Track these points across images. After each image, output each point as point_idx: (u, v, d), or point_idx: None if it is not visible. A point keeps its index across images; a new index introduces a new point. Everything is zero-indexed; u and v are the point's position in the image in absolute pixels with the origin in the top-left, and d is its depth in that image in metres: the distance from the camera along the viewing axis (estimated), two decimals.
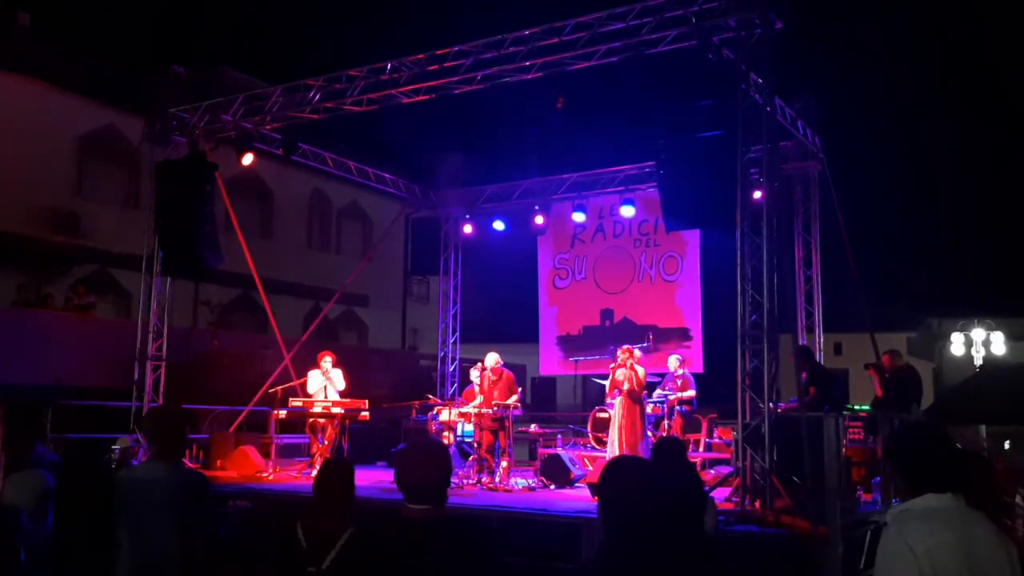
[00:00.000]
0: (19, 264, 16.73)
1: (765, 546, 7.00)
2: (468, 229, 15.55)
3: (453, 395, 14.83)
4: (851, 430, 10.34)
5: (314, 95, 11.28)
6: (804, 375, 10.39)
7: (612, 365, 10.76)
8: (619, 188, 14.10)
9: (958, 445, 3.03)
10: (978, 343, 22.95)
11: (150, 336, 12.34)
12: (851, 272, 12.04)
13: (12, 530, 5.31)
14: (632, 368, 10.40)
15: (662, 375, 11.81)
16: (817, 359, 11.50)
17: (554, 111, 10.16)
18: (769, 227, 8.41)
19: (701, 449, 11.38)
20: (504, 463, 10.51)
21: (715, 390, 12.00)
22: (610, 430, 10.62)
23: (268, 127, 12.27)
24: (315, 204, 24.00)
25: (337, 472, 4.18)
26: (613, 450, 10.32)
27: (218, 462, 11.76)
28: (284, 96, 11.69)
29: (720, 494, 8.37)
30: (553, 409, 21.35)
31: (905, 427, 3.03)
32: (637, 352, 10.71)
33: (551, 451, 11.21)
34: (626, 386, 10.35)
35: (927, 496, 2.70)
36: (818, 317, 12.74)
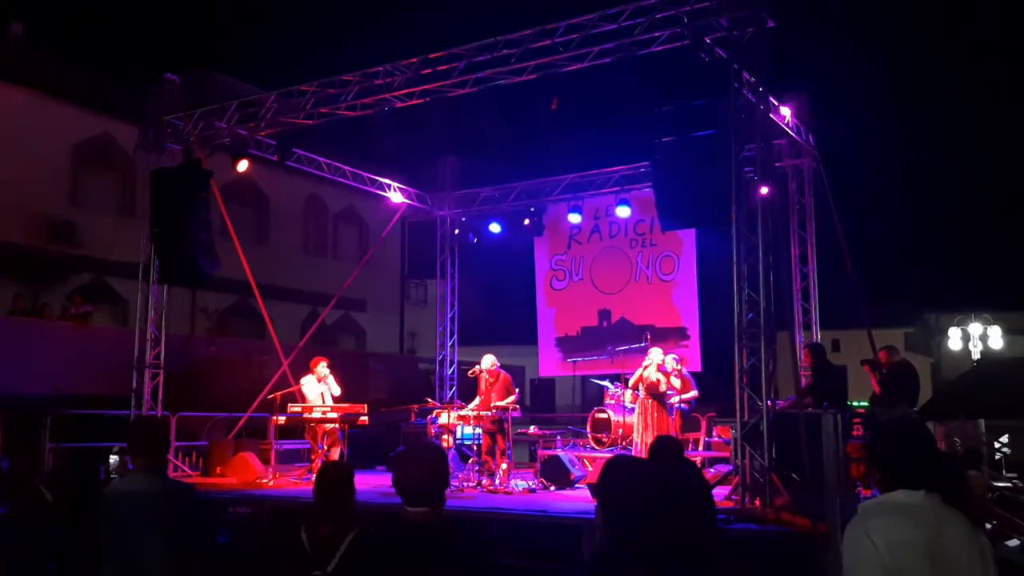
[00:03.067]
0: (15, 274, 16.71)
1: (765, 544, 7.00)
2: (464, 232, 15.59)
3: (452, 398, 14.83)
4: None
5: (308, 100, 11.28)
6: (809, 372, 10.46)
7: (647, 362, 11.06)
8: (614, 188, 14.13)
9: (958, 442, 3.05)
10: (975, 338, 23.02)
11: (148, 344, 12.34)
12: (847, 269, 12.06)
13: None
14: (674, 375, 10.91)
15: None
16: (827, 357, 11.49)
17: (548, 113, 10.17)
18: (764, 225, 8.44)
19: (700, 448, 11.39)
20: (504, 465, 10.52)
21: (713, 389, 12.02)
22: (636, 430, 10.84)
23: (262, 133, 12.27)
24: (311, 209, 23.99)
25: (336, 476, 4.18)
26: (639, 450, 10.46)
27: (217, 469, 11.76)
28: (278, 102, 11.70)
29: (720, 492, 8.38)
30: (552, 410, 21.35)
31: (887, 423, 3.05)
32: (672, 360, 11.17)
33: (551, 452, 11.21)
34: (663, 388, 10.74)
35: (898, 492, 2.72)
36: (815, 314, 12.75)
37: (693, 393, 11.34)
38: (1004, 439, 10.41)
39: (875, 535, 2.61)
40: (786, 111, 11.42)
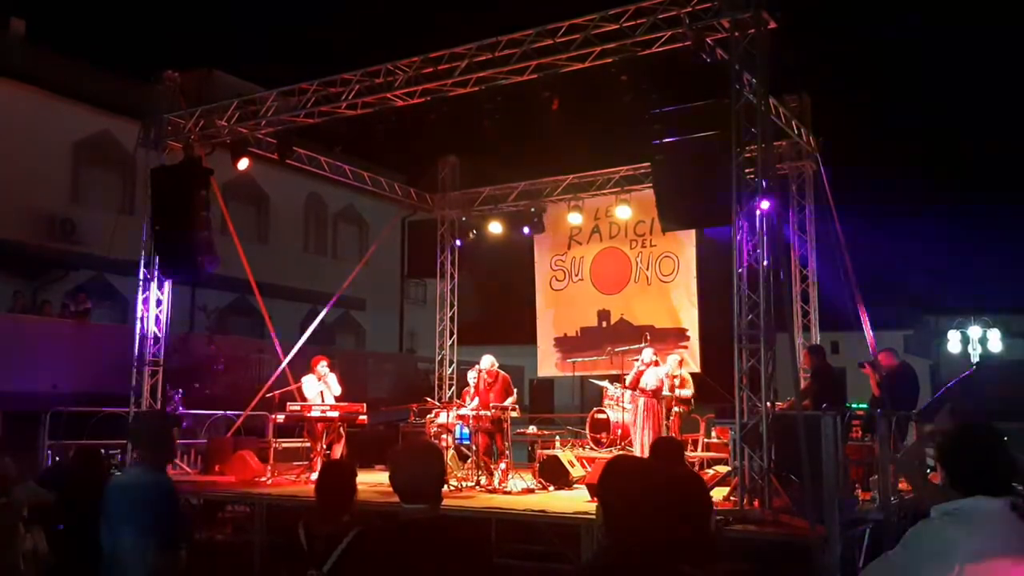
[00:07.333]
0: (15, 271, 16.70)
1: (763, 545, 7.00)
2: (464, 232, 15.60)
3: (451, 398, 14.82)
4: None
5: (309, 99, 11.28)
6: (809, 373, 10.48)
7: (638, 359, 11.21)
8: (615, 189, 14.15)
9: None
10: (975, 340, 23.01)
11: (147, 342, 12.33)
12: (847, 271, 12.05)
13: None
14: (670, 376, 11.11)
15: None
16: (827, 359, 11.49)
17: (549, 113, 10.16)
18: (764, 227, 8.43)
19: (699, 449, 11.39)
20: (503, 465, 10.52)
21: (713, 390, 12.01)
22: (635, 429, 10.90)
23: (263, 131, 12.27)
24: (311, 208, 23.99)
25: (338, 474, 4.19)
26: (640, 450, 10.48)
27: (216, 467, 11.75)
28: (279, 100, 11.70)
29: (719, 493, 8.38)
30: (551, 411, 21.33)
31: (964, 425, 2.84)
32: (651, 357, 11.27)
33: (550, 452, 11.21)
34: (651, 386, 10.82)
35: (979, 499, 2.54)
36: (815, 316, 12.76)
37: (688, 391, 11.36)
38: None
39: (961, 541, 2.44)
40: (787, 113, 11.42)
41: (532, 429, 12.64)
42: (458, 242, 15.82)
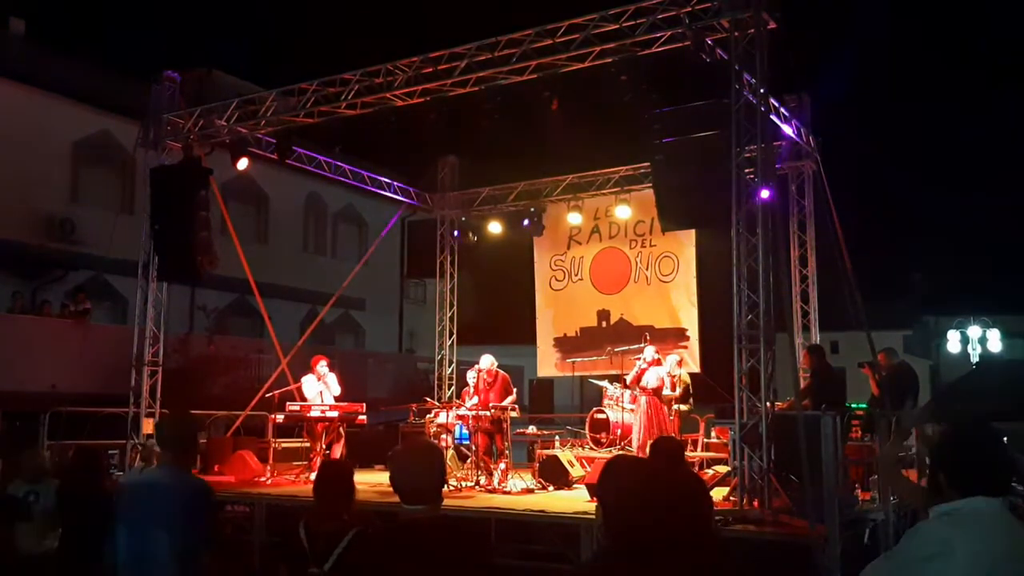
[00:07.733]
0: (15, 271, 16.69)
1: (763, 546, 7.00)
2: (464, 232, 15.60)
3: (451, 397, 14.82)
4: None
5: (308, 99, 11.28)
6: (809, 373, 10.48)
7: (640, 357, 11.26)
8: (614, 189, 14.15)
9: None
10: (974, 340, 23.05)
11: (146, 342, 12.32)
12: (847, 271, 12.04)
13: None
14: (670, 375, 11.15)
15: None
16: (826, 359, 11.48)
17: (549, 112, 10.16)
18: (764, 226, 8.43)
19: (699, 449, 11.39)
20: (502, 465, 10.52)
21: (712, 390, 12.01)
22: (637, 429, 10.88)
23: (262, 131, 12.27)
24: (311, 208, 23.98)
25: (336, 473, 4.19)
26: (637, 450, 10.48)
27: (216, 467, 11.75)
28: (278, 100, 11.70)
29: (718, 494, 8.38)
30: (551, 411, 21.33)
31: (961, 425, 2.82)
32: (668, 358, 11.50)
33: (549, 452, 11.21)
34: (652, 385, 10.88)
35: (977, 499, 2.52)
36: (814, 316, 12.75)
37: (677, 392, 11.31)
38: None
39: (960, 543, 2.42)
40: (787, 113, 11.42)
41: (532, 429, 12.62)
42: (455, 232, 15.77)
